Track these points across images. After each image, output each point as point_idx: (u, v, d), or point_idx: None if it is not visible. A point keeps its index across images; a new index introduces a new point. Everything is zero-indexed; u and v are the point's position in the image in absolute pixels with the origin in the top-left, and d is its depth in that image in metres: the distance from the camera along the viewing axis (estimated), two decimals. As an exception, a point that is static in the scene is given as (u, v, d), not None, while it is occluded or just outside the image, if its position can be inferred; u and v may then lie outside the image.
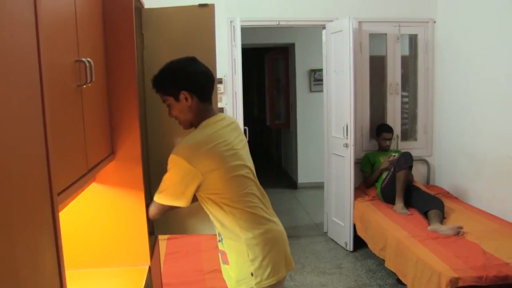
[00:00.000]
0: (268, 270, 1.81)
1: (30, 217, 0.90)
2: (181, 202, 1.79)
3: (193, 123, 1.87)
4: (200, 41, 2.16)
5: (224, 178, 1.77)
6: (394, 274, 3.61)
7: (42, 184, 0.97)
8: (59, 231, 1.03)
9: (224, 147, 1.79)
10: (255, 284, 1.80)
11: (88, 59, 1.48)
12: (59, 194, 1.15)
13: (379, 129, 4.81)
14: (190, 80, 1.82)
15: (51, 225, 1.00)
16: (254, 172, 1.96)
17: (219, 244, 1.93)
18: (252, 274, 1.80)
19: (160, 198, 1.82)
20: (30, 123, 0.93)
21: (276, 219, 1.95)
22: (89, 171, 1.52)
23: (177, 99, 1.82)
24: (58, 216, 1.04)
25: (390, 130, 4.78)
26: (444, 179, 4.90)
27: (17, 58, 0.88)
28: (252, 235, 1.81)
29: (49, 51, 1.09)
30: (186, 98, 1.81)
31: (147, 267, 1.94)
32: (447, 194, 4.60)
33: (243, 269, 1.82)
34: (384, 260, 3.74)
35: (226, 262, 1.90)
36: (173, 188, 1.78)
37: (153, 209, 1.89)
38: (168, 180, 1.78)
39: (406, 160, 4.24)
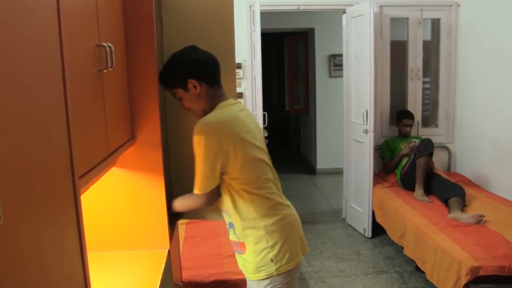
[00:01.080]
0: (287, 255, 1.82)
1: (53, 200, 0.91)
2: (214, 182, 1.78)
3: (207, 111, 1.85)
4: (219, 24, 2.14)
5: (244, 161, 1.77)
6: (413, 261, 3.59)
7: (64, 168, 0.98)
8: (81, 214, 1.05)
9: (243, 128, 1.79)
10: (275, 269, 1.80)
11: (109, 44, 1.48)
12: (80, 177, 1.16)
13: (400, 115, 4.75)
14: (194, 66, 1.83)
15: (73, 208, 1.02)
16: (269, 157, 1.96)
17: (231, 234, 1.92)
18: (271, 260, 1.81)
19: (200, 189, 1.80)
20: (52, 107, 0.94)
21: (289, 203, 1.96)
22: (110, 155, 1.53)
23: (186, 89, 1.82)
24: (80, 199, 1.05)
25: (411, 116, 4.72)
26: (466, 166, 4.83)
27: (39, 43, 0.88)
28: (272, 221, 1.82)
29: (70, 36, 1.10)
30: (194, 86, 1.81)
31: (167, 251, 1.96)
32: (469, 182, 4.54)
33: (262, 256, 1.82)
34: (402, 247, 3.73)
35: (241, 251, 1.89)
36: (204, 169, 1.76)
37: (197, 202, 1.86)
38: (197, 166, 1.77)
39: (427, 147, 4.19)
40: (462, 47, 4.79)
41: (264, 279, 1.82)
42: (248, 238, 1.84)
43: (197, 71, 1.82)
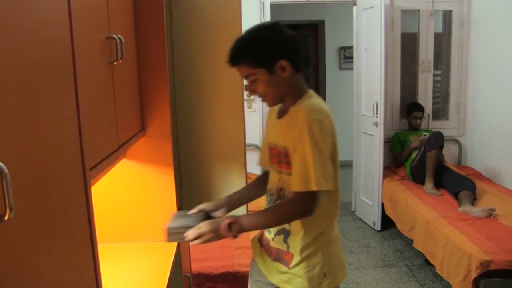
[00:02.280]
0: (337, 268, 1.67)
1: (63, 191, 0.92)
2: (331, 176, 1.53)
3: (284, 98, 1.62)
4: (226, 17, 2.13)
5: (334, 161, 1.58)
6: (422, 255, 3.58)
7: (75, 159, 0.99)
8: (92, 205, 1.06)
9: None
10: (327, 285, 1.62)
11: (119, 35, 1.48)
12: (91, 169, 1.17)
13: (410, 108, 4.72)
14: (287, 46, 1.57)
15: (84, 199, 1.02)
16: None
17: (277, 241, 1.68)
18: (325, 275, 1.62)
19: (322, 184, 1.48)
20: (63, 99, 0.94)
21: None
22: (120, 147, 1.54)
23: (271, 70, 1.53)
24: (90, 191, 1.06)
25: (421, 108, 4.69)
26: (477, 160, 4.79)
27: (50, 35, 0.88)
28: (333, 233, 1.67)
29: (81, 28, 1.10)
30: (283, 68, 1.54)
31: (176, 242, 1.97)
32: (479, 175, 4.51)
33: (317, 271, 1.61)
34: (412, 241, 3.71)
35: (286, 262, 1.65)
36: (325, 160, 1.50)
37: (302, 205, 1.53)
38: (316, 154, 1.47)
39: (437, 140, 4.16)
40: (474, 40, 4.73)
41: None
42: (304, 251, 1.61)
43: (289, 51, 1.56)
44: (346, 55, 6.78)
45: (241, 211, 1.86)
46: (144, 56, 1.86)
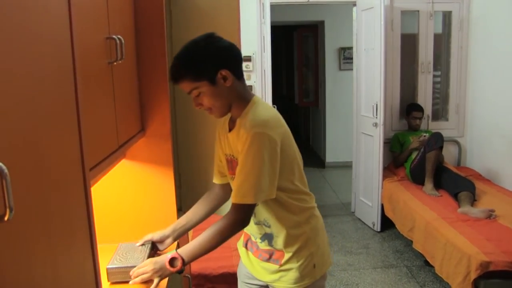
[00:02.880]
0: (325, 256, 1.73)
1: (63, 192, 0.92)
2: (271, 190, 1.54)
3: (231, 108, 1.62)
4: (224, 17, 2.12)
5: (291, 162, 1.61)
6: (422, 255, 3.58)
7: (75, 160, 0.99)
8: (91, 205, 1.06)
9: (285, 125, 1.64)
10: (318, 273, 1.69)
11: (119, 36, 1.48)
12: (91, 169, 1.17)
13: (409, 108, 4.73)
14: (224, 55, 1.56)
15: (84, 199, 1.02)
16: None
17: (263, 245, 1.72)
18: (314, 266, 1.68)
19: (253, 197, 1.52)
20: (63, 100, 0.94)
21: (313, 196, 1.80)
22: (120, 147, 1.54)
23: (213, 81, 1.53)
24: (90, 191, 1.06)
25: (420, 108, 4.69)
26: (476, 161, 4.80)
27: (50, 35, 0.89)
28: (313, 224, 1.70)
29: (81, 29, 1.10)
30: (224, 78, 1.53)
31: (176, 243, 1.97)
32: (479, 176, 4.51)
33: (307, 263, 1.67)
34: (412, 241, 3.71)
35: (277, 261, 1.69)
36: (264, 173, 1.50)
37: (239, 215, 1.57)
38: (256, 166, 1.50)
39: (437, 141, 4.16)
40: (473, 41, 4.73)
41: (307, 286, 1.68)
42: (292, 247, 1.66)
43: (228, 60, 1.56)
44: (345, 56, 6.78)
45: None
46: (144, 56, 1.86)
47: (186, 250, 1.62)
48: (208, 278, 2.62)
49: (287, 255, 1.67)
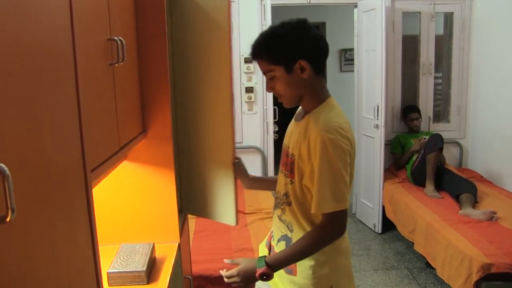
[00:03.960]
0: (345, 280, 1.62)
1: (65, 193, 0.92)
2: (349, 194, 1.49)
3: (301, 100, 1.57)
4: (215, 21, 2.06)
5: (351, 173, 1.54)
6: (423, 257, 3.57)
7: (76, 161, 0.99)
8: (93, 207, 1.05)
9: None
10: None
11: (120, 37, 1.48)
12: (92, 170, 1.17)
13: (405, 111, 4.74)
14: (308, 45, 1.50)
15: (85, 201, 1.02)
16: None
17: (277, 246, 1.64)
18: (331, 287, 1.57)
19: (338, 204, 1.44)
20: (64, 101, 0.94)
21: None
22: (121, 148, 1.54)
23: (289, 70, 1.48)
24: (91, 192, 1.06)
25: (415, 109, 4.70)
26: (478, 162, 4.79)
27: (52, 37, 0.89)
28: (342, 244, 1.59)
29: (82, 30, 1.10)
30: (302, 69, 1.48)
31: (177, 244, 1.97)
32: (480, 178, 4.50)
33: (321, 282, 1.55)
34: (413, 243, 3.71)
35: (290, 270, 1.59)
36: (344, 179, 1.44)
37: (336, 225, 1.49)
38: (334, 172, 1.43)
39: (436, 142, 4.16)
40: (475, 42, 4.73)
41: None
42: (309, 261, 1.55)
43: (311, 51, 1.50)
44: (347, 57, 6.78)
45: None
46: (145, 58, 1.86)
47: (275, 262, 1.54)
48: (209, 280, 2.61)
49: (300, 268, 1.56)
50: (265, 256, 1.57)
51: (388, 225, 4.41)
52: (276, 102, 4.47)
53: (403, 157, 4.59)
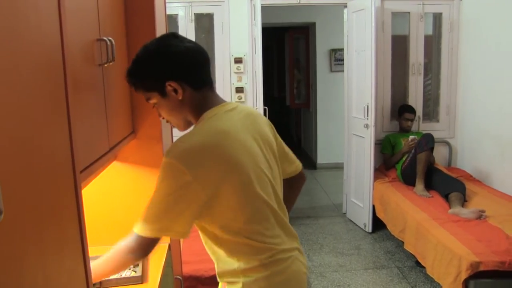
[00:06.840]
0: None
1: (54, 194, 0.91)
2: (177, 230, 1.31)
3: (191, 121, 1.42)
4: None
5: (236, 201, 1.31)
6: (413, 256, 3.60)
7: (65, 162, 0.98)
8: (82, 207, 1.05)
9: (238, 148, 1.32)
10: None
11: (110, 38, 1.48)
12: (81, 171, 1.16)
13: (402, 109, 4.75)
14: (175, 63, 1.33)
15: (74, 202, 1.01)
16: (276, 177, 1.48)
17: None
18: None
19: (145, 229, 1.30)
20: (53, 102, 0.94)
21: (293, 245, 1.44)
22: (111, 149, 1.54)
23: (163, 93, 1.34)
24: (81, 193, 1.05)
25: (412, 110, 4.72)
26: (467, 162, 4.83)
27: (40, 37, 0.88)
28: (254, 278, 1.34)
29: (71, 30, 1.09)
30: (175, 90, 1.33)
31: (167, 245, 1.96)
32: (470, 177, 4.54)
33: None
34: (403, 242, 3.73)
35: None
36: (165, 209, 1.29)
37: (133, 247, 1.36)
38: (156, 198, 1.30)
39: (427, 142, 4.19)
40: (464, 42, 4.77)
41: None
42: (225, 277, 1.42)
43: (178, 69, 1.34)
44: (337, 57, 6.80)
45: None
46: (135, 58, 1.85)
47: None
48: (200, 280, 2.61)
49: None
50: None
51: (378, 224, 4.43)
52: (266, 102, 4.48)
53: (393, 158, 4.61)
